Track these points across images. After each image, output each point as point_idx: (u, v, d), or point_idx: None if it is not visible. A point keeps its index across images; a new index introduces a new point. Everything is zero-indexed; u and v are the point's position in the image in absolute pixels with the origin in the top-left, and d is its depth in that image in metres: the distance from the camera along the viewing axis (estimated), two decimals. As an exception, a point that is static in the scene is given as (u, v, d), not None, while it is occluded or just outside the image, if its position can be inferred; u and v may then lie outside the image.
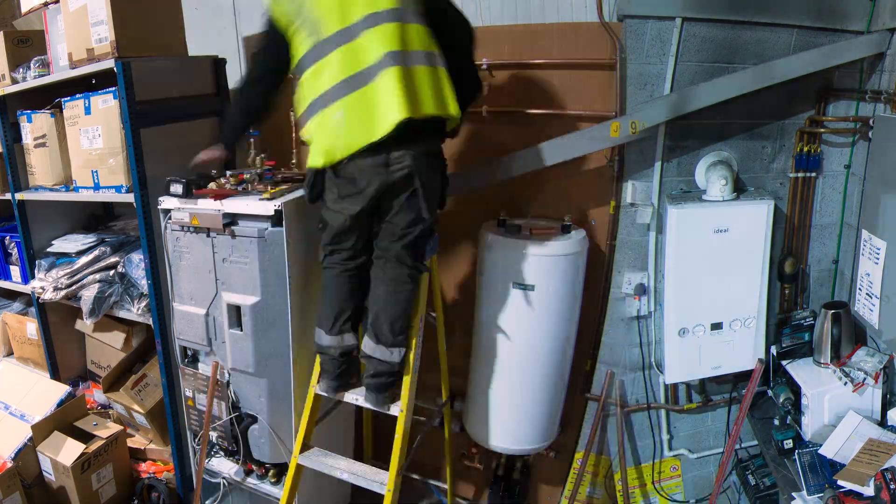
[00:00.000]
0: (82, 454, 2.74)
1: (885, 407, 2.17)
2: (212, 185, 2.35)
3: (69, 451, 2.75)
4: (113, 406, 3.14)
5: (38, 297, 3.05)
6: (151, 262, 2.60)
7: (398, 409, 2.13)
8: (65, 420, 2.91)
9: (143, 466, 3.06)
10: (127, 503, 2.95)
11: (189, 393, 2.51)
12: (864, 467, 1.88)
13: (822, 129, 2.40)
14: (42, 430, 2.83)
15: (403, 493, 2.23)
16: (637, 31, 2.31)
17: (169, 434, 2.85)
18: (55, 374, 3.35)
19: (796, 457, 2.11)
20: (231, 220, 2.25)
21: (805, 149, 2.41)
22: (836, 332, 2.25)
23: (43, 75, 2.81)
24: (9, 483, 2.66)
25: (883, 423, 2.10)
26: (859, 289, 2.25)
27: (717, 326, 2.42)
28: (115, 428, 2.93)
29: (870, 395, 2.16)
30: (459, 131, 2.23)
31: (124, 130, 2.48)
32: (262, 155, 2.50)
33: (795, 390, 2.29)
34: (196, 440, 2.58)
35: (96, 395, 3.27)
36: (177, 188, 2.26)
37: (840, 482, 1.90)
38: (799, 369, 2.33)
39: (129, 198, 2.55)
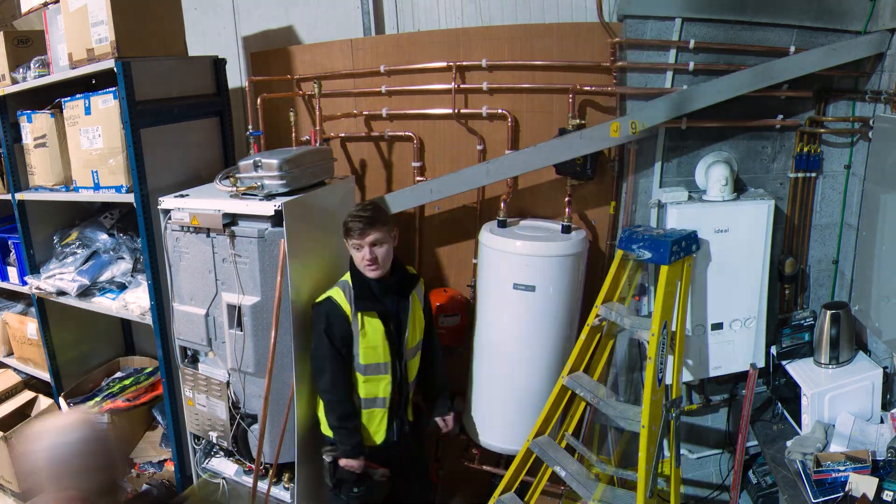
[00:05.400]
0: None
1: (885, 408, 2.17)
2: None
3: None
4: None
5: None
6: (151, 262, 2.60)
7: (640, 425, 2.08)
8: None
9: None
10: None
11: (189, 393, 2.51)
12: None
13: (822, 130, 2.40)
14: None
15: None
16: (637, 31, 2.31)
17: (169, 434, 2.85)
18: (56, 375, 3.35)
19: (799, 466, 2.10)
20: (231, 220, 2.25)
21: (805, 149, 2.41)
22: (836, 333, 2.25)
23: (43, 75, 2.81)
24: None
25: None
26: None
27: (717, 326, 2.42)
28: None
29: (869, 397, 2.16)
30: None
31: (124, 130, 2.48)
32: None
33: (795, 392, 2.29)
34: (196, 440, 2.58)
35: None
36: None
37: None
38: (799, 369, 2.32)
39: (129, 198, 2.55)
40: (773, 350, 2.45)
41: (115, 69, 2.42)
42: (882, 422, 2.12)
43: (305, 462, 2.40)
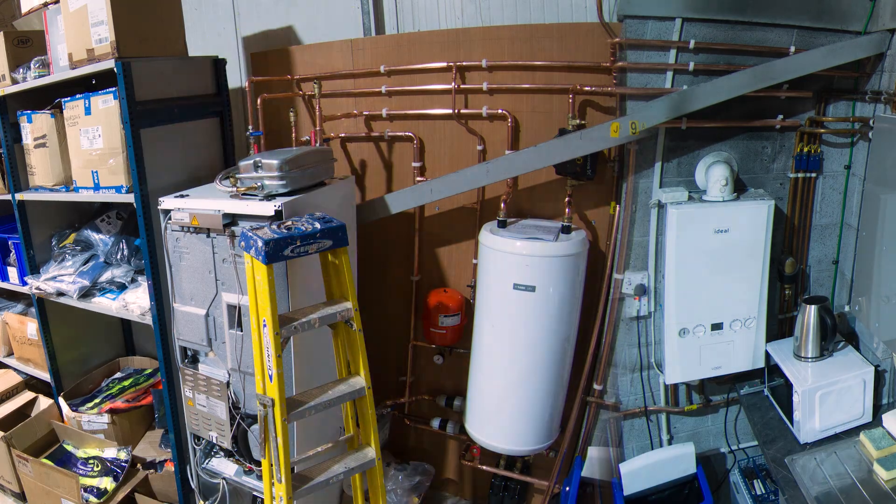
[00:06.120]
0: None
1: (877, 409, 2.16)
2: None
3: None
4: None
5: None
6: (151, 263, 2.60)
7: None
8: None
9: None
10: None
11: (189, 393, 2.52)
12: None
13: (823, 130, 2.39)
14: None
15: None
16: (637, 31, 2.31)
17: (169, 434, 2.85)
18: (56, 376, 3.35)
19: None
20: (231, 220, 2.25)
21: (805, 149, 2.41)
22: (818, 327, 2.25)
23: (43, 75, 2.81)
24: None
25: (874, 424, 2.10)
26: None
27: (717, 327, 2.42)
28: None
29: (860, 395, 2.16)
30: None
31: (124, 130, 2.48)
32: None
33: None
34: (196, 440, 2.58)
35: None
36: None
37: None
38: (792, 367, 2.32)
39: (130, 198, 2.55)
40: (770, 349, 2.45)
41: (115, 69, 2.42)
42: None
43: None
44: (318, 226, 2.07)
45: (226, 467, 2.57)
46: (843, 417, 2.14)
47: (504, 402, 2.57)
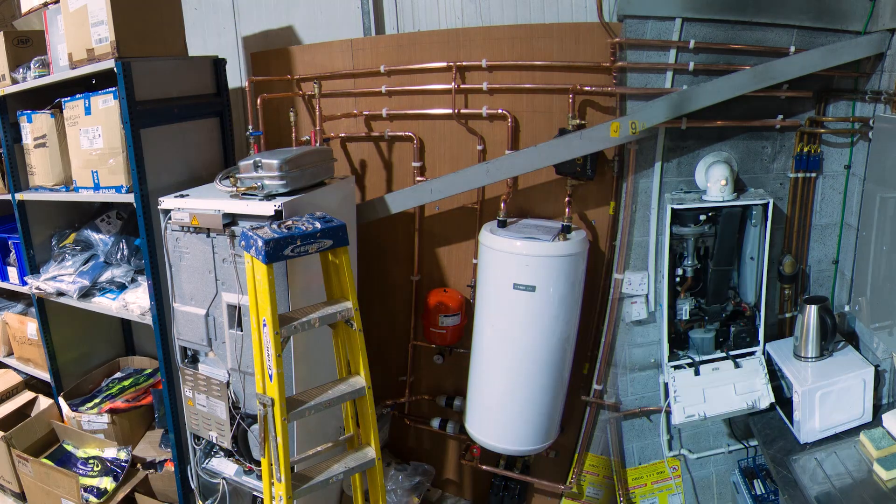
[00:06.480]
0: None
1: (877, 409, 2.17)
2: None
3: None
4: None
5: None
6: (151, 262, 2.60)
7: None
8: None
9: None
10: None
11: (189, 393, 2.52)
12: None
13: (823, 130, 2.39)
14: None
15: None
16: (637, 31, 2.31)
17: (169, 434, 2.85)
18: (56, 376, 3.35)
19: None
20: (231, 220, 2.25)
21: (805, 149, 2.41)
22: (820, 328, 2.25)
23: (43, 75, 2.81)
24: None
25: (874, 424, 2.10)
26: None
27: (717, 326, 2.42)
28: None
29: (860, 395, 2.16)
30: None
31: (124, 130, 2.48)
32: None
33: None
34: (196, 440, 2.58)
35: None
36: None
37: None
38: (792, 367, 2.32)
39: (129, 198, 2.55)
40: (770, 349, 2.44)
41: (115, 69, 2.42)
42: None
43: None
44: (318, 225, 2.07)
45: (226, 467, 2.57)
46: (843, 417, 2.14)
47: (504, 402, 2.57)
